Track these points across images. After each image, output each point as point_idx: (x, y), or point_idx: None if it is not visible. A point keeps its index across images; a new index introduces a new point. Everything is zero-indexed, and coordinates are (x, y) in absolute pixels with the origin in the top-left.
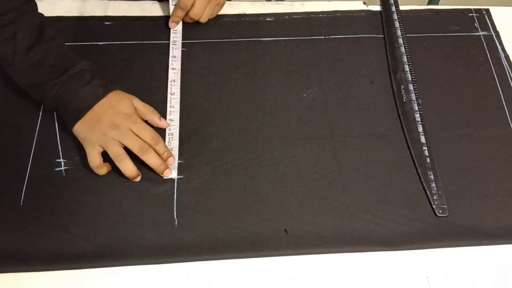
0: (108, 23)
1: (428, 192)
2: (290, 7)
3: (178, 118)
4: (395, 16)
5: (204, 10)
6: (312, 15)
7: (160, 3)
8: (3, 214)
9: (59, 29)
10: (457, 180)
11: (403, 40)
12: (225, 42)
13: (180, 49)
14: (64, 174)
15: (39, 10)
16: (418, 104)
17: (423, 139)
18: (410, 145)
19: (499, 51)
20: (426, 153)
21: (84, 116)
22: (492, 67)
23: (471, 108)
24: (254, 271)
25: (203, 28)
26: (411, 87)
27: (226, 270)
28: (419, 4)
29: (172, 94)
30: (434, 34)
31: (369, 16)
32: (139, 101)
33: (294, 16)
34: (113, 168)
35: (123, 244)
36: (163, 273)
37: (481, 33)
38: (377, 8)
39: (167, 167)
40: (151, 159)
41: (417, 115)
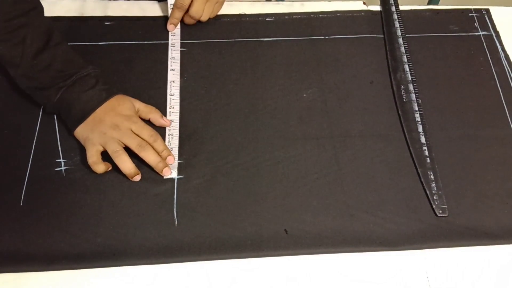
0: (108, 23)
1: (428, 192)
2: (290, 7)
3: (178, 118)
4: (395, 16)
5: (204, 7)
6: (312, 15)
7: (160, 3)
8: (3, 214)
9: (59, 29)
10: (457, 180)
11: (403, 40)
12: (225, 42)
13: (179, 50)
14: (64, 174)
15: None
16: (418, 104)
17: (423, 139)
18: (410, 145)
19: (499, 51)
20: (426, 153)
21: (86, 119)
22: (492, 67)
23: (471, 108)
24: (254, 271)
25: (203, 28)
26: (411, 87)
27: (226, 270)
28: (419, 4)
29: (172, 95)
30: (434, 34)
31: (369, 16)
32: (140, 102)
33: (294, 16)
34: (113, 168)
35: (123, 244)
36: (163, 273)
37: (481, 33)
38: (377, 8)
39: (166, 165)
40: (149, 156)
41: (417, 115)
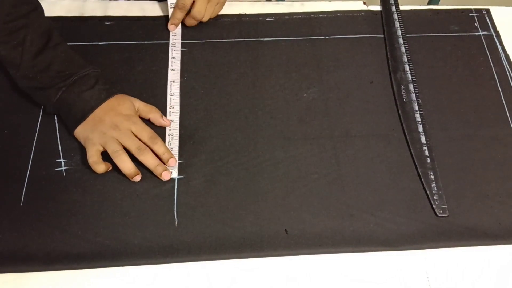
0: (108, 23)
1: (428, 192)
2: (290, 7)
3: (178, 118)
4: (395, 16)
5: (206, 8)
6: (312, 15)
7: (160, 3)
8: (3, 214)
9: (59, 29)
10: (457, 180)
11: (403, 40)
12: (225, 42)
13: (180, 50)
14: (64, 174)
15: None
16: (419, 104)
17: (423, 139)
18: (410, 145)
19: (499, 51)
20: (427, 153)
21: (86, 119)
22: (492, 67)
23: (471, 108)
24: (254, 271)
25: (203, 28)
26: (411, 87)
27: (226, 270)
28: (419, 4)
29: (172, 95)
30: (434, 34)
31: (369, 16)
32: (140, 101)
33: (294, 16)
34: (113, 168)
35: (123, 244)
36: (163, 273)
37: (481, 33)
38: (377, 8)
39: (165, 169)
40: (148, 160)
41: (417, 115)
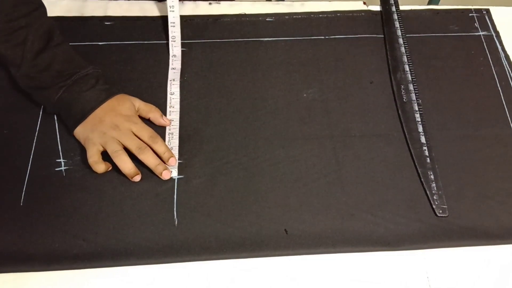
0: (108, 23)
1: (428, 192)
2: (290, 7)
3: (178, 118)
4: (395, 16)
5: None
6: (312, 15)
7: (160, 3)
8: (3, 214)
9: (59, 29)
10: (457, 180)
11: (403, 40)
12: (225, 42)
13: (180, 47)
14: (64, 174)
15: None
16: (418, 104)
17: (423, 139)
18: (410, 145)
19: (499, 51)
20: (426, 153)
21: (86, 119)
22: (492, 67)
23: (471, 108)
24: (254, 271)
25: (203, 28)
26: (411, 87)
27: (226, 270)
28: (419, 4)
29: (172, 94)
30: (434, 34)
31: (369, 16)
32: (140, 101)
33: (294, 16)
34: (113, 168)
35: (123, 244)
36: (163, 273)
37: (481, 33)
38: (377, 8)
39: (166, 168)
40: (149, 159)
41: (417, 115)
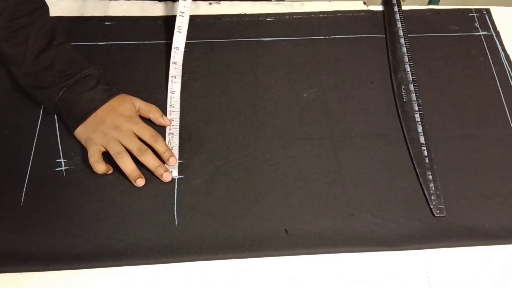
0: (108, 23)
1: (426, 192)
2: (290, 7)
3: (178, 118)
4: (397, 17)
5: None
6: (312, 15)
7: (160, 3)
8: (3, 214)
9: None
10: (457, 180)
11: (405, 40)
12: (225, 42)
13: (185, 40)
14: (64, 174)
15: None
16: (418, 104)
17: (422, 139)
18: (409, 144)
19: (499, 51)
20: (425, 153)
21: (87, 119)
22: (493, 67)
23: (471, 108)
24: (254, 271)
25: (203, 28)
26: (411, 87)
27: (226, 270)
28: (419, 4)
29: (173, 93)
30: (434, 34)
31: (369, 16)
32: (141, 101)
33: (294, 16)
34: (113, 169)
35: (123, 244)
36: (163, 273)
37: (481, 33)
38: (377, 8)
39: (166, 170)
40: (149, 161)
41: (416, 115)
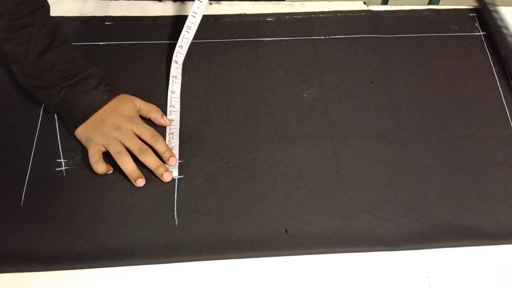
0: (109, 23)
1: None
2: (290, 7)
3: (179, 118)
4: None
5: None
6: (312, 15)
7: (160, 3)
8: (4, 214)
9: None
10: (457, 180)
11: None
12: (225, 42)
13: (190, 40)
14: (64, 174)
15: None
16: None
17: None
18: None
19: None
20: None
21: (87, 119)
22: (492, 67)
23: (471, 108)
24: (254, 271)
25: (203, 28)
26: None
27: (226, 270)
28: (419, 4)
29: (173, 93)
30: (434, 34)
31: (369, 16)
32: (141, 101)
33: (294, 16)
34: (114, 169)
35: (123, 244)
36: (163, 273)
37: (481, 33)
38: (377, 8)
39: (167, 170)
40: (150, 160)
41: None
